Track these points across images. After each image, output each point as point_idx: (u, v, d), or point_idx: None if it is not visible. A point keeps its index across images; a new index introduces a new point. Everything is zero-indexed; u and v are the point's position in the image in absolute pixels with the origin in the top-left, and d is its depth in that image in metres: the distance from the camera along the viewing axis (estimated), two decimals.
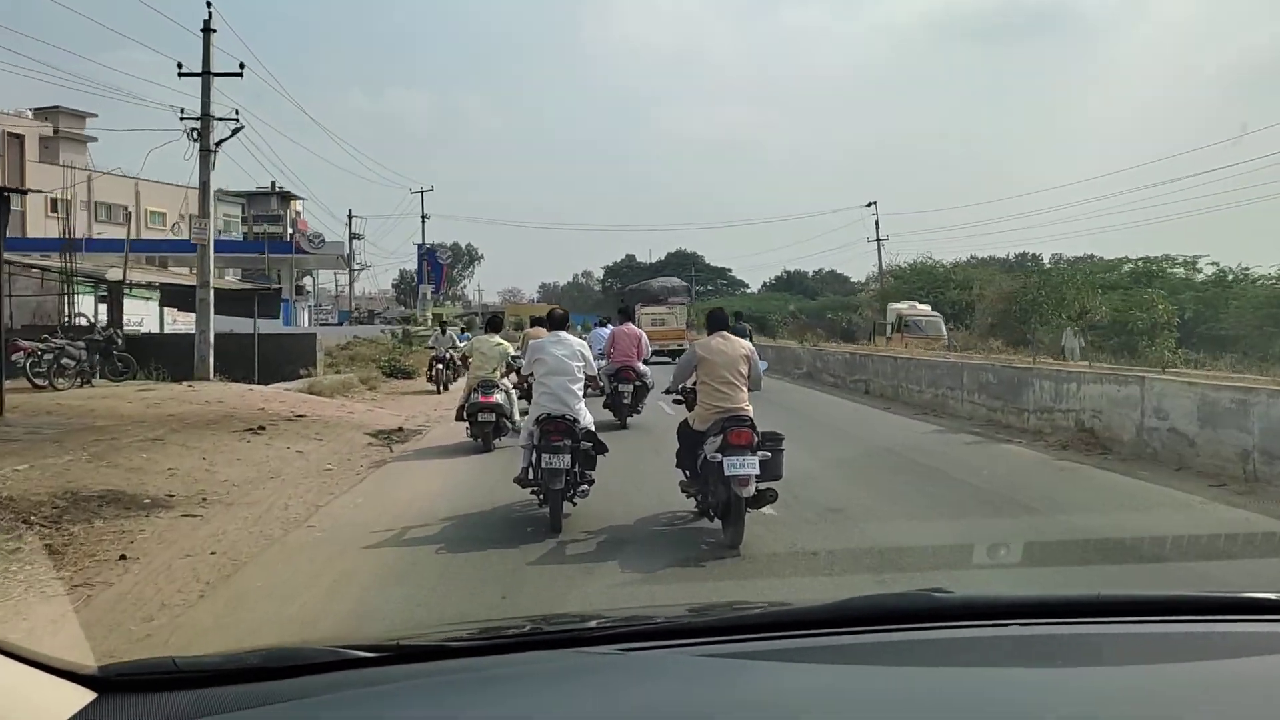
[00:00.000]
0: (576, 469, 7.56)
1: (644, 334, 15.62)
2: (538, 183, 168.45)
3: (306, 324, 62.41)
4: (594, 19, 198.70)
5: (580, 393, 7.97)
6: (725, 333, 7.59)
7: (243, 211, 72.31)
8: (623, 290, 74.19)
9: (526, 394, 10.88)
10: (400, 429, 14.50)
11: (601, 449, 7.89)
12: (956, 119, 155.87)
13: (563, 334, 8.28)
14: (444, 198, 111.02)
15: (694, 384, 7.62)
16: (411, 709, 1.37)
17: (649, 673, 1.51)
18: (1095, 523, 7.89)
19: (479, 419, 11.94)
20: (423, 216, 50.61)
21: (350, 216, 53.48)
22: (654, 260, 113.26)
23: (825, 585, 5.93)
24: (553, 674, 1.51)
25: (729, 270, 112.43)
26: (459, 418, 12.53)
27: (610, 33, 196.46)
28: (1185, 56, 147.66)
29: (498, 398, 11.93)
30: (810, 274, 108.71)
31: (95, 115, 66.73)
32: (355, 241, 54.24)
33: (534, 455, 7.54)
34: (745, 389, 7.27)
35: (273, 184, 73.60)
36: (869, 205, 51.46)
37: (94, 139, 68.63)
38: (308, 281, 75.90)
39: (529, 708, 1.37)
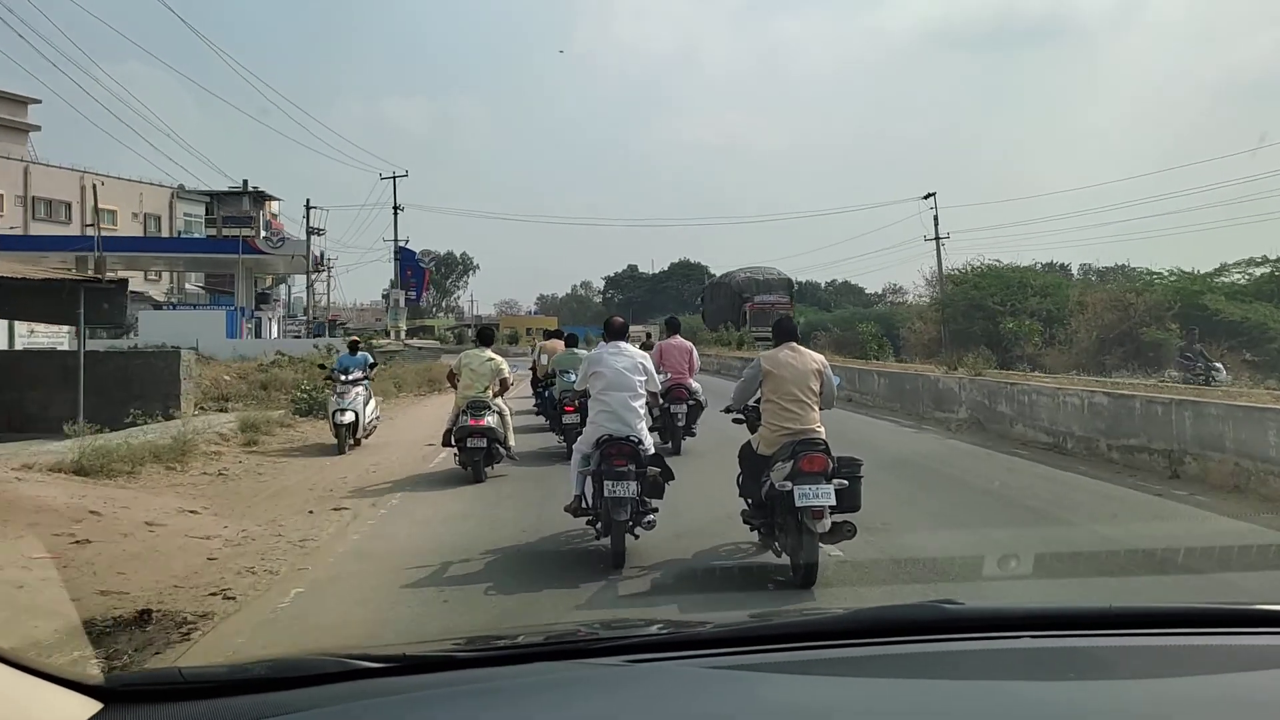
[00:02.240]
0: (640, 497, 6.55)
1: (694, 347, 13.13)
2: (534, 187, 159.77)
3: (275, 335, 53.53)
4: (590, 23, 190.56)
5: (642, 411, 6.96)
6: (794, 343, 6.45)
7: (209, 212, 63.22)
8: (713, 285, 60.18)
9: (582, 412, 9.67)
10: (149, 613, 5.21)
11: (669, 475, 6.87)
12: (960, 125, 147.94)
13: (622, 344, 7.16)
14: (436, 203, 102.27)
15: (757, 401, 6.63)
16: None
17: (655, 685, 1.44)
18: None
19: (468, 445, 10.16)
20: (395, 208, 41.26)
21: (308, 207, 43.97)
22: (656, 271, 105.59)
23: None
24: (558, 686, 1.44)
25: None
26: (445, 443, 10.70)
27: (607, 36, 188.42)
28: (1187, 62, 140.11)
29: (489, 420, 10.21)
30: (823, 285, 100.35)
31: (39, 101, 58.29)
32: (315, 237, 44.46)
33: (588, 481, 6.66)
34: (817, 408, 6.23)
35: (244, 183, 64.71)
36: (926, 198, 42.18)
37: (37, 127, 60.08)
38: (281, 289, 67.10)
39: None
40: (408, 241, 41.93)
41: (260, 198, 65.26)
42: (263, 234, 46.67)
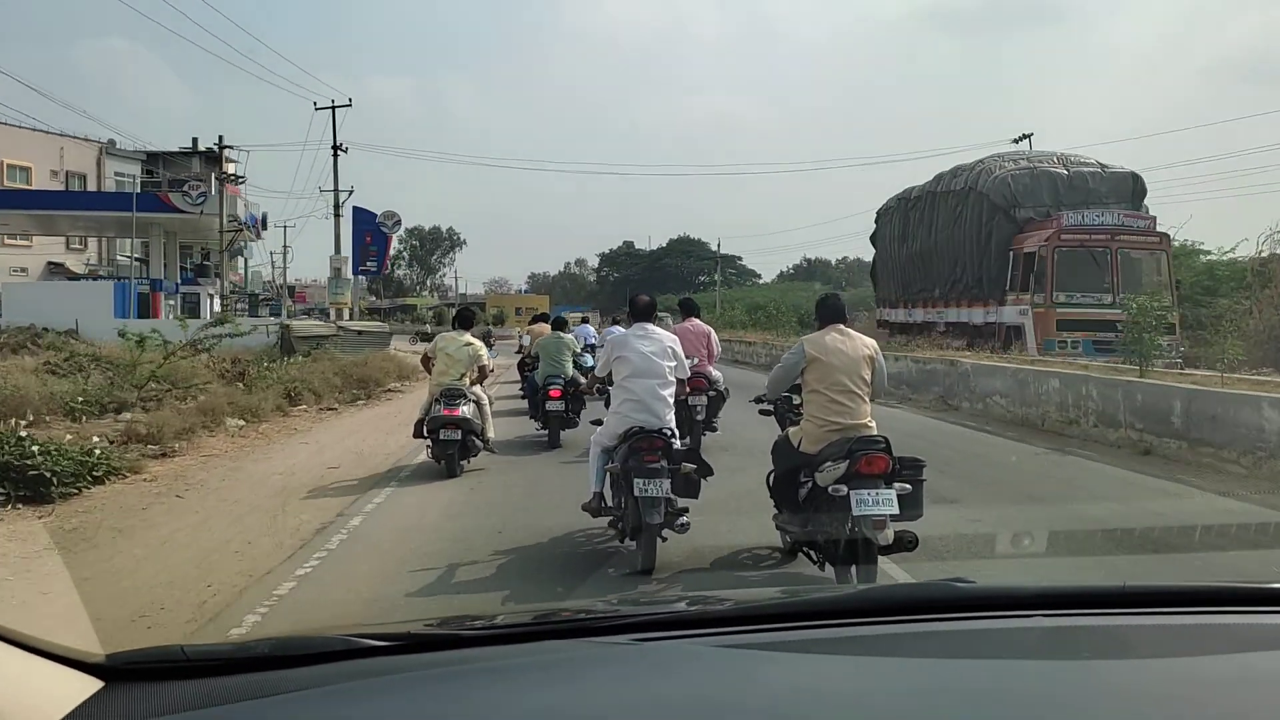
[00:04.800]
0: (671, 496, 5.68)
1: (711, 330, 10.46)
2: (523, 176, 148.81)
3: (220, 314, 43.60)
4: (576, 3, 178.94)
5: (671, 400, 6.05)
6: (842, 325, 5.46)
7: (149, 174, 52.74)
8: (926, 196, 25.28)
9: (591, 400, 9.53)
10: None
11: (705, 470, 5.89)
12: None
13: (650, 326, 6.27)
14: (423, 188, 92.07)
15: (790, 392, 6.12)
16: (423, 699, 1.25)
17: (663, 664, 1.37)
18: None
19: (441, 436, 8.85)
20: (335, 148, 30.94)
21: (221, 146, 33.68)
22: (654, 247, 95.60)
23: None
24: (565, 665, 1.36)
25: (739, 259, 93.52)
26: (417, 434, 9.37)
27: (596, 13, 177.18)
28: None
29: (464, 410, 8.93)
30: (833, 262, 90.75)
31: None
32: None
33: (610, 478, 5.92)
34: (868, 400, 5.32)
35: (194, 141, 54.24)
36: (1019, 140, 32.23)
37: None
38: (239, 262, 56.66)
39: (541, 699, 1.25)
40: (352, 192, 31.66)
41: (214, 159, 54.96)
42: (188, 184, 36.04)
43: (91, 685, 1.23)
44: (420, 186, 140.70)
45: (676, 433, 5.94)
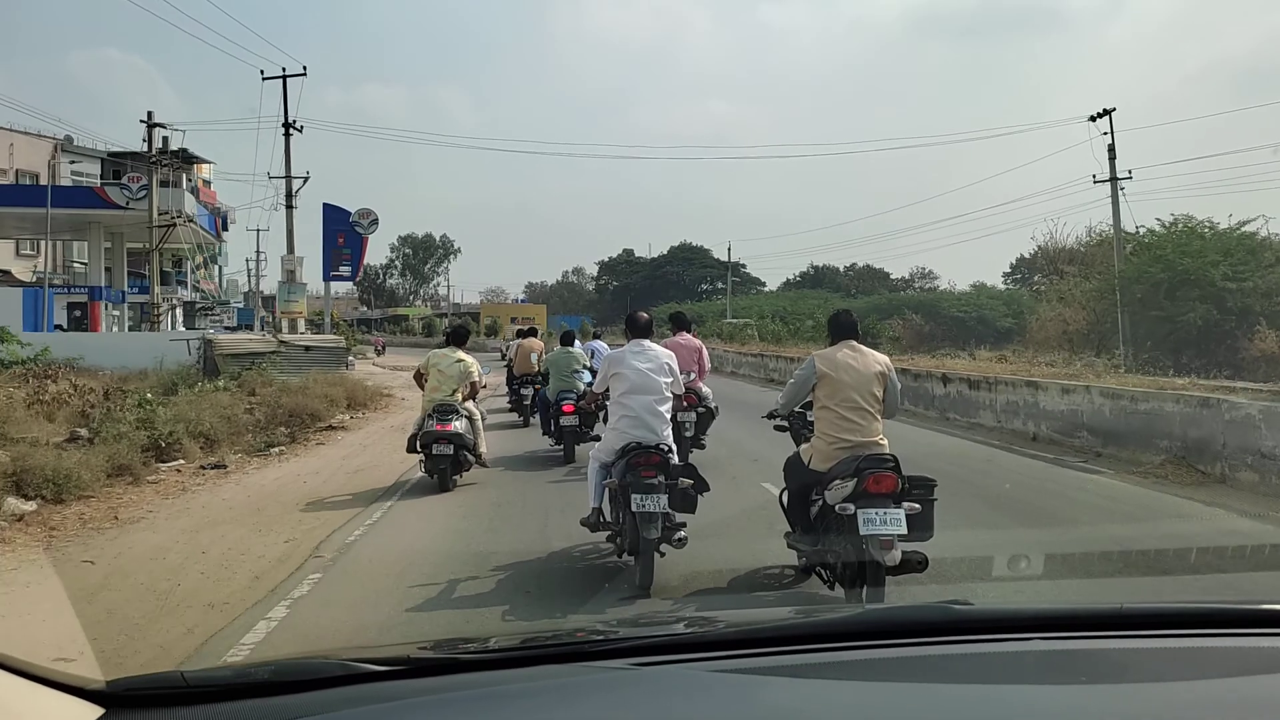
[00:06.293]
0: (668, 511, 5.61)
1: (703, 345, 10.30)
2: (519, 179, 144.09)
3: (180, 327, 38.61)
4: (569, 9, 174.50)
5: (668, 416, 6.02)
6: (854, 341, 5.31)
7: (112, 175, 47.55)
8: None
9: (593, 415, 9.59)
10: None
11: (702, 486, 5.83)
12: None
13: (646, 343, 6.23)
14: (418, 193, 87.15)
15: (804, 408, 6.06)
16: None
17: (661, 688, 1.36)
18: None
19: (434, 451, 8.82)
20: (287, 127, 25.73)
21: (150, 125, 28.58)
22: (654, 255, 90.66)
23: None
24: (563, 689, 1.34)
25: (743, 266, 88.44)
26: (410, 449, 9.26)
27: (586, 23, 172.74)
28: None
29: (457, 426, 8.89)
30: (841, 269, 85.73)
31: None
32: (162, 168, 28.88)
33: (609, 494, 5.86)
34: (880, 417, 5.17)
35: (165, 140, 49.58)
36: (1096, 119, 27.00)
37: None
38: (216, 273, 51.44)
39: None
40: (307, 179, 26.51)
41: (187, 159, 49.82)
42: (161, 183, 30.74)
43: (92, 712, 1.21)
44: (414, 190, 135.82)
45: (674, 448, 5.86)
